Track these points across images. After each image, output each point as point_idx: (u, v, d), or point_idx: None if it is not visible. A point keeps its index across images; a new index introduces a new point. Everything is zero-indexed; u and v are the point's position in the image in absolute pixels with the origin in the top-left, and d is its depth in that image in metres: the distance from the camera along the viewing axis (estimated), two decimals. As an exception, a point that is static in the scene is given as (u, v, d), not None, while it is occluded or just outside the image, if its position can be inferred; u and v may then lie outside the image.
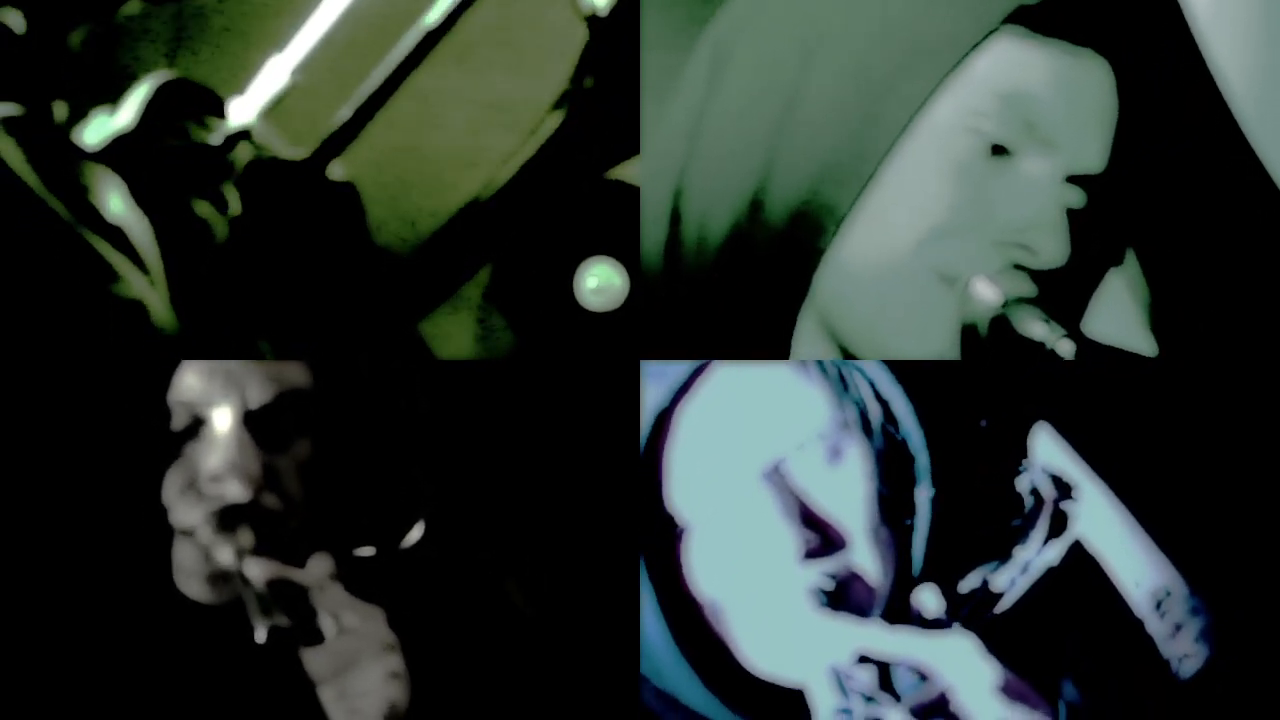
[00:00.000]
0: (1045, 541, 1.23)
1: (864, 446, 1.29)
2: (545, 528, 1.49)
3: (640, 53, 1.63)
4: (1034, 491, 1.24)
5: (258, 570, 1.26)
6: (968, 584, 1.24)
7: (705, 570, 1.27)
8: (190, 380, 1.35)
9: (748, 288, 1.43)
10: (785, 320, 1.45)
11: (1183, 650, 1.25)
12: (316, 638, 1.23)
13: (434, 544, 1.38)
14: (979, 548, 1.25)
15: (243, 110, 1.71)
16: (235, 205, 1.66)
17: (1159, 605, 1.24)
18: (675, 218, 1.47)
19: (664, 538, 1.28)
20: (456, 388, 1.45)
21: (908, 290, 1.39)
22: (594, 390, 1.52)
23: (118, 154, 1.60)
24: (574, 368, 1.58)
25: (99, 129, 1.66)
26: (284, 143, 1.73)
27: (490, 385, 1.51)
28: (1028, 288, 1.39)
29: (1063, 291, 1.42)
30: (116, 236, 1.46)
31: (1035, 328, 1.35)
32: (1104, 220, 1.43)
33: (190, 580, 1.33)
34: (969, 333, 1.39)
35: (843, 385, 1.30)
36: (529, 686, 1.35)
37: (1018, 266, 1.39)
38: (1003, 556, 1.23)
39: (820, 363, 1.30)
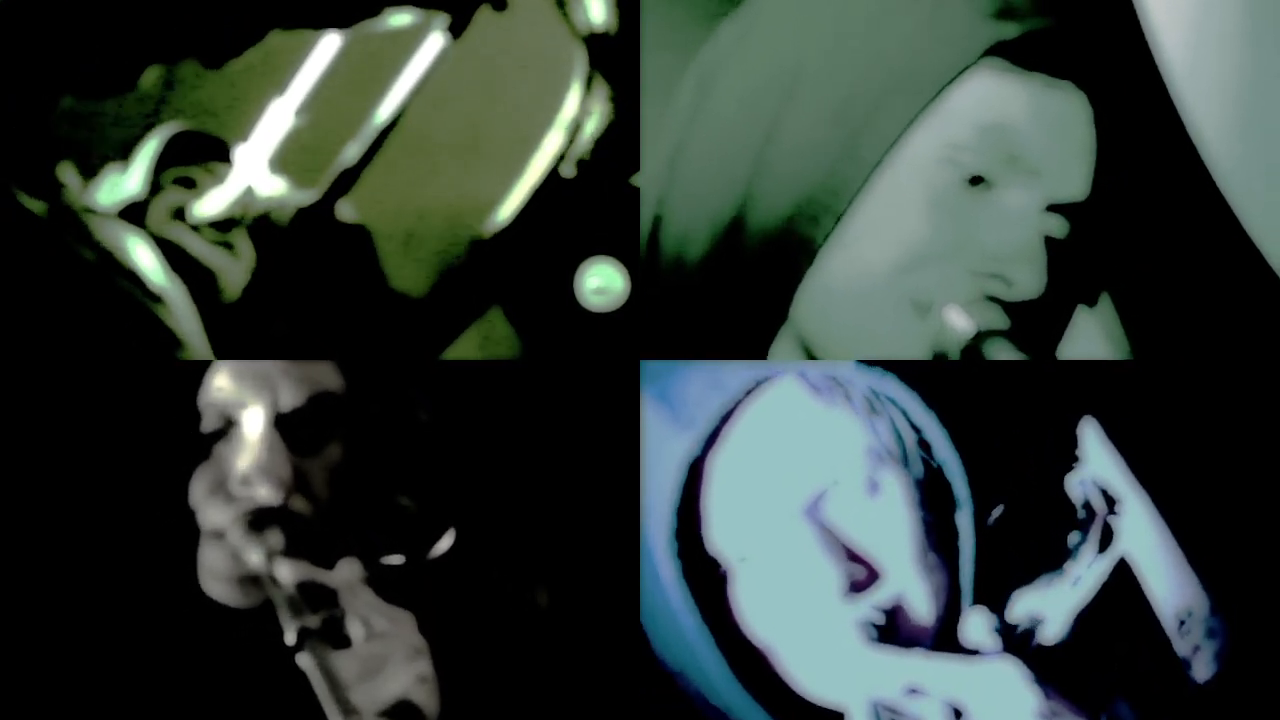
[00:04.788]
0: (1095, 556, 1.25)
1: (902, 476, 1.30)
2: (545, 528, 1.51)
3: (640, 61, 1.67)
4: (1086, 505, 1.27)
5: (287, 571, 1.27)
6: (1019, 609, 1.26)
7: (754, 610, 1.29)
8: (222, 382, 1.36)
9: (723, 311, 1.46)
10: (760, 343, 1.48)
11: (1200, 672, 1.27)
12: (345, 641, 1.23)
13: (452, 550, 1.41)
14: (1031, 565, 1.27)
15: (249, 156, 1.74)
16: (250, 257, 1.69)
17: (1182, 624, 1.26)
18: (654, 242, 1.50)
19: (710, 581, 1.29)
20: (457, 388, 1.47)
21: (882, 316, 1.41)
22: (594, 390, 1.53)
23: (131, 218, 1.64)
24: (575, 368, 1.59)
25: (112, 190, 1.69)
26: (292, 186, 1.76)
27: (491, 385, 1.52)
28: (1000, 320, 1.40)
29: (1035, 325, 1.44)
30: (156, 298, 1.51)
31: (1005, 359, 1.37)
32: (1079, 253, 1.45)
33: (217, 583, 1.34)
34: (940, 360, 1.41)
35: (875, 416, 1.31)
36: (539, 685, 1.37)
37: (992, 299, 1.40)
38: (1055, 571, 1.26)
39: (849, 393, 1.31)
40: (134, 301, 1.46)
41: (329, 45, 1.73)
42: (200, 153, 1.75)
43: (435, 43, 1.70)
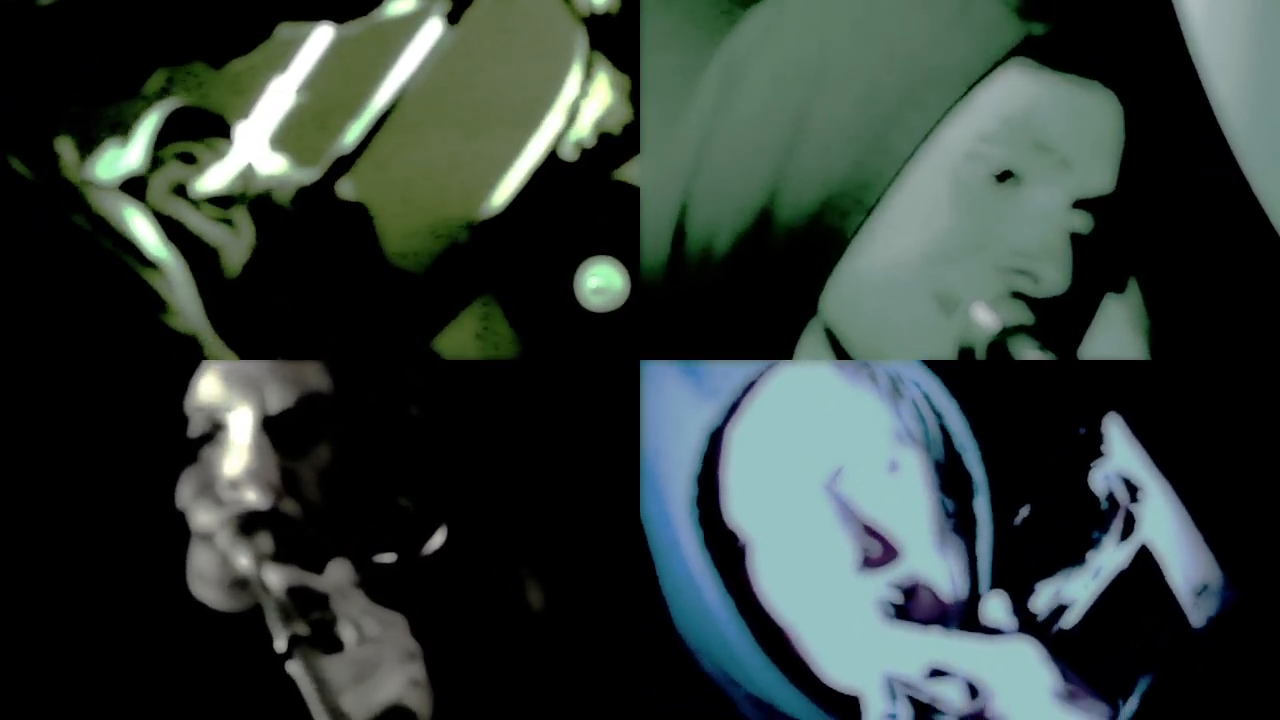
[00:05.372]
0: (1117, 545, 1.26)
1: (923, 459, 1.30)
2: (543, 529, 1.50)
3: (640, 52, 1.67)
4: (1109, 497, 1.27)
5: (277, 577, 1.26)
6: (1041, 596, 1.26)
7: (771, 583, 1.29)
8: (209, 385, 1.36)
9: (751, 302, 1.47)
10: (788, 334, 1.49)
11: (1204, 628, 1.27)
12: (336, 645, 1.23)
13: (447, 547, 1.41)
14: (1052, 556, 1.27)
15: (249, 134, 1.74)
16: (250, 234, 1.69)
17: (1199, 596, 1.26)
18: (680, 231, 1.50)
19: (730, 553, 1.29)
20: (457, 387, 1.47)
21: (909, 310, 1.42)
22: (594, 390, 1.53)
23: (132, 193, 1.64)
24: (574, 368, 1.60)
25: (111, 164, 1.69)
26: (293, 164, 1.75)
27: (491, 385, 1.53)
28: (1025, 316, 1.41)
29: (1061, 319, 1.45)
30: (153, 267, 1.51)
31: (1030, 356, 1.39)
32: (1107, 247, 1.46)
33: (206, 586, 1.34)
34: (966, 355, 1.42)
35: (898, 397, 1.32)
36: (533, 688, 1.37)
37: (1017, 295, 1.41)
38: (1077, 563, 1.26)
39: (874, 374, 1.32)
40: (126, 268, 1.46)
41: (328, 30, 1.72)
42: (201, 128, 1.74)
43: (434, 27, 1.70)
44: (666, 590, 1.32)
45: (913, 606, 1.27)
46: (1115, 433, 1.30)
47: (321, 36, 1.72)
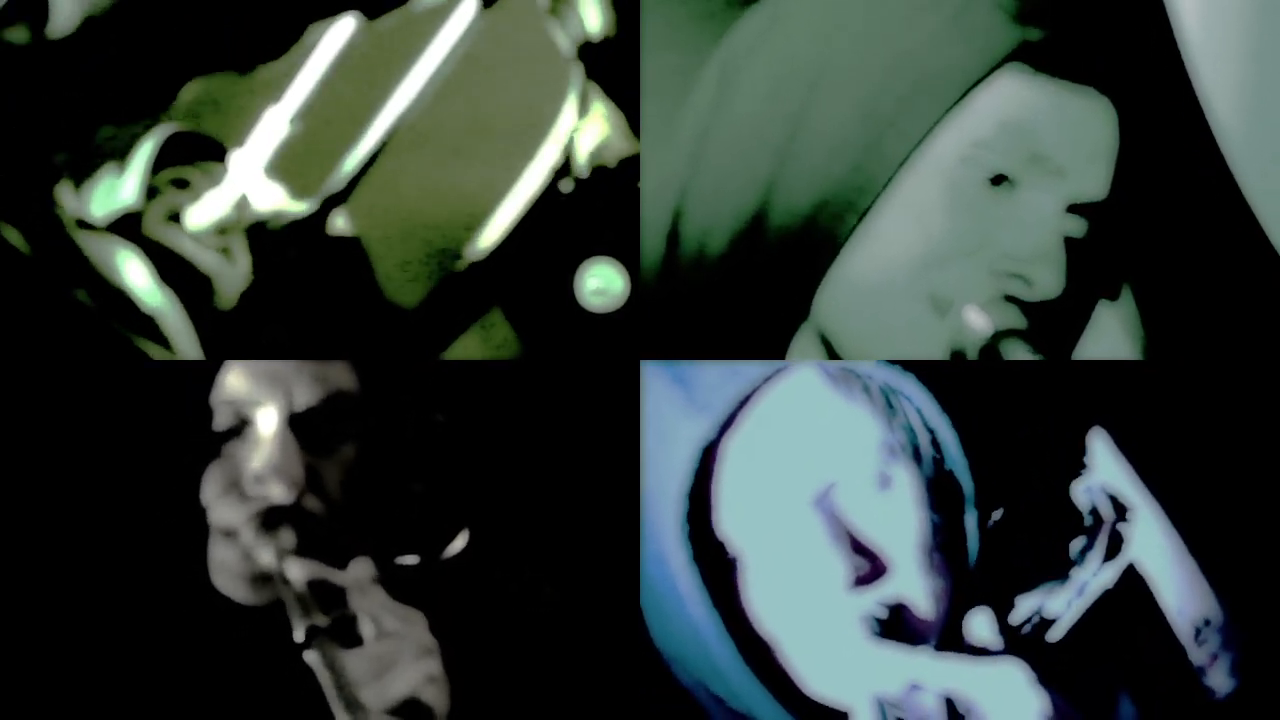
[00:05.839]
0: (1102, 563, 1.26)
1: (914, 474, 1.31)
2: (546, 529, 1.52)
3: (640, 58, 1.66)
4: (1093, 511, 1.27)
5: (298, 570, 1.27)
6: (1023, 610, 1.27)
7: (760, 599, 1.29)
8: (236, 380, 1.36)
9: (744, 304, 1.47)
10: (781, 336, 1.49)
11: (1217, 682, 1.27)
12: (355, 640, 1.23)
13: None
14: (1036, 570, 1.28)
15: (244, 163, 1.75)
16: (246, 264, 1.70)
17: (1198, 634, 1.26)
18: (675, 231, 1.51)
19: (719, 568, 1.29)
20: (458, 388, 1.47)
21: (901, 312, 1.43)
22: (594, 390, 1.54)
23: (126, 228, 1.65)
24: (574, 368, 1.61)
25: (106, 197, 1.70)
26: (288, 194, 1.76)
27: (491, 385, 1.53)
28: (1018, 320, 1.42)
29: (1055, 323, 1.45)
30: (149, 327, 1.53)
31: (1021, 360, 1.39)
32: (1100, 253, 1.46)
33: (229, 580, 1.34)
34: (957, 359, 1.42)
35: (891, 412, 1.32)
36: (546, 683, 1.37)
37: (1010, 299, 1.42)
38: (1060, 578, 1.26)
39: (868, 388, 1.32)
40: (126, 342, 1.48)
41: (326, 52, 1.73)
42: (196, 153, 1.75)
43: (465, 15, 1.70)
44: (649, 603, 1.32)
45: (898, 623, 1.27)
46: (1099, 446, 1.31)
47: (314, 67, 1.73)
